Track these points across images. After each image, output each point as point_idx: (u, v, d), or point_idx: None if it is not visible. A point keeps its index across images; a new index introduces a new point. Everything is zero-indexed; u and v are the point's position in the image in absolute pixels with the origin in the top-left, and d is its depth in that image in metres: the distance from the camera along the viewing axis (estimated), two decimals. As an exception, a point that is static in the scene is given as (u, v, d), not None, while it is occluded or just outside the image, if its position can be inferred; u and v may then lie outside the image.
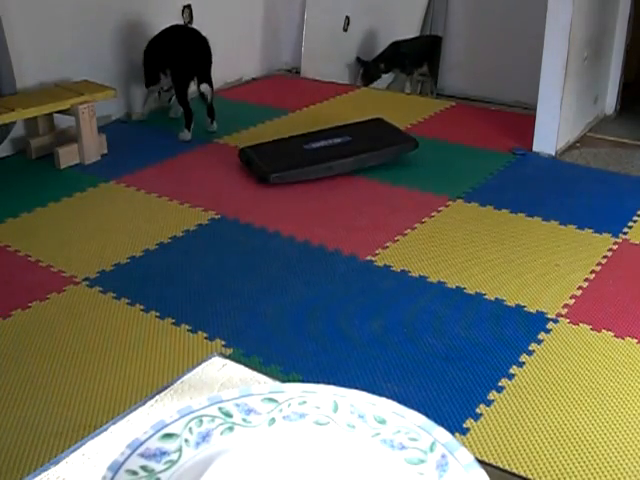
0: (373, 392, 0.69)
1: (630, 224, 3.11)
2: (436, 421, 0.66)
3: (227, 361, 0.85)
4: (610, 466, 1.85)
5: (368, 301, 2.58)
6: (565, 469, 1.84)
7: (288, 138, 3.70)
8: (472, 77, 5.63)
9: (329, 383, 0.71)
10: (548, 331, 2.40)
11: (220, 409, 0.68)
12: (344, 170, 3.52)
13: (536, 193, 3.44)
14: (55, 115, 3.68)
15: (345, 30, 5.36)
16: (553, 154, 3.88)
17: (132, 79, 4.29)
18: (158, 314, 2.49)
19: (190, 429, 0.66)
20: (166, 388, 0.81)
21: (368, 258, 2.85)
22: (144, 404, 0.78)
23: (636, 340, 2.35)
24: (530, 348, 2.32)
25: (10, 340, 2.36)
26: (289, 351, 2.31)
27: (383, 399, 0.69)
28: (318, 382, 0.72)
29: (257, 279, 2.72)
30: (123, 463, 0.61)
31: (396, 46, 5.19)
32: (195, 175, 3.59)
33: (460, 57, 5.71)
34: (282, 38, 5.24)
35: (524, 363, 2.25)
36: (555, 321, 2.45)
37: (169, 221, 3.14)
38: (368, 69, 5.18)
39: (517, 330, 2.41)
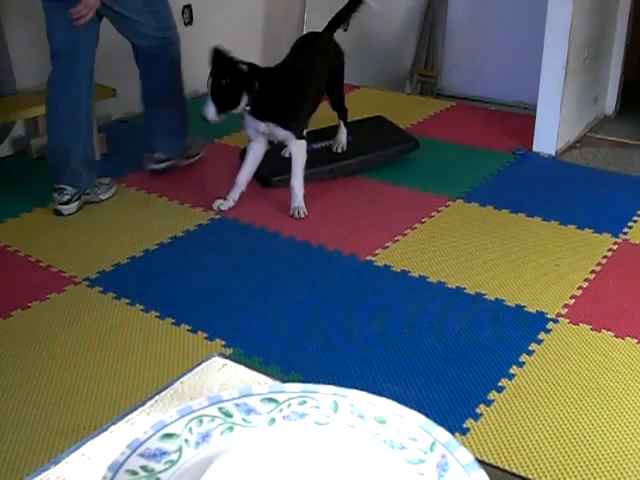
0: (373, 392, 0.69)
1: (630, 224, 3.11)
2: (436, 421, 0.66)
3: (227, 361, 0.85)
4: (610, 466, 1.85)
5: (368, 301, 2.58)
6: (565, 469, 1.84)
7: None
8: (472, 77, 5.63)
9: (329, 383, 0.71)
10: (548, 331, 2.40)
11: (220, 409, 0.68)
12: (345, 172, 3.53)
13: (536, 193, 3.44)
14: (55, 115, 3.68)
15: (345, 30, 5.35)
16: (553, 154, 3.87)
17: (132, 79, 4.28)
18: (158, 314, 2.49)
19: (190, 429, 0.66)
20: (166, 388, 0.80)
21: (368, 258, 2.85)
22: (144, 404, 0.78)
23: (636, 340, 2.35)
24: (530, 348, 2.32)
25: (10, 340, 2.36)
26: (289, 351, 2.30)
27: (383, 399, 0.68)
28: (318, 382, 0.72)
29: (257, 279, 2.72)
30: (123, 463, 0.61)
31: None
32: (195, 175, 3.59)
33: (460, 57, 5.72)
34: (282, 38, 5.24)
35: (524, 363, 2.25)
36: (555, 321, 2.45)
37: (169, 221, 3.14)
38: None
39: (517, 330, 2.41)
